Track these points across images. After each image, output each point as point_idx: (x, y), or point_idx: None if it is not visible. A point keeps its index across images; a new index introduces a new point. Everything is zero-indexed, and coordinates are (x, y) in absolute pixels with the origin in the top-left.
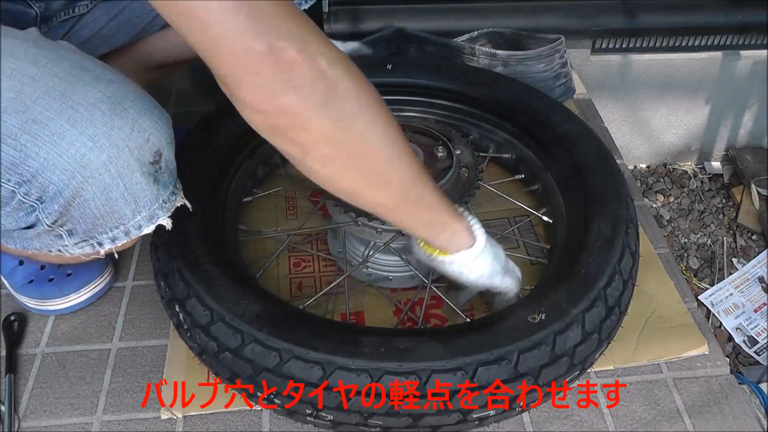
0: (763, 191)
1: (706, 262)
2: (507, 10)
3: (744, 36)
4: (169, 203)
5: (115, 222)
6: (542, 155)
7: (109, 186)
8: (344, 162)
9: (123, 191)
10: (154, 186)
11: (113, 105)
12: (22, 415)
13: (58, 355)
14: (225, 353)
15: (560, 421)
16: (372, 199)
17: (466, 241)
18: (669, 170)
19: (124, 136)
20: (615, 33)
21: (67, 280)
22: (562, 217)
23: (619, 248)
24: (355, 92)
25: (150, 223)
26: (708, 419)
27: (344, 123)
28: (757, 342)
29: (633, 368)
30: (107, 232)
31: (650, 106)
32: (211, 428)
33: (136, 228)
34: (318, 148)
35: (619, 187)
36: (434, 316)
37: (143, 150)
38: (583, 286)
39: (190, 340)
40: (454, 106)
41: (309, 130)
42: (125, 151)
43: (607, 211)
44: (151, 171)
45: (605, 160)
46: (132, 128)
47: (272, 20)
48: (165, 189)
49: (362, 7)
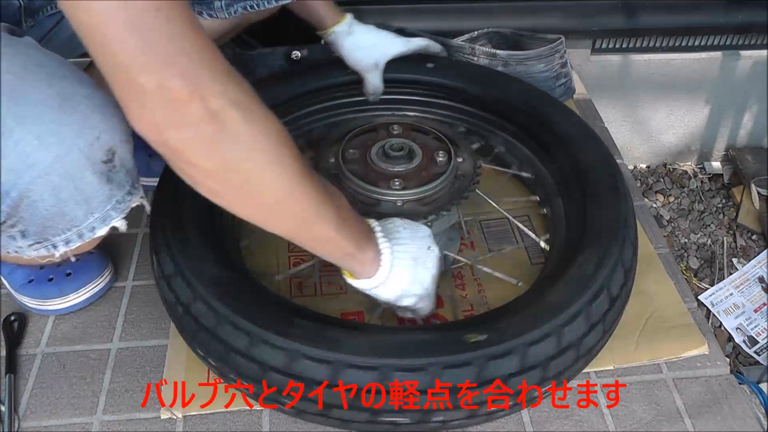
0: (763, 191)
1: (706, 262)
2: (507, 10)
3: (744, 36)
4: (124, 204)
5: (67, 224)
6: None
7: (59, 186)
8: (233, 198)
9: (73, 192)
10: (107, 186)
11: (62, 102)
12: (22, 415)
13: (58, 355)
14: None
15: (560, 421)
16: (271, 229)
17: (369, 270)
18: (669, 170)
19: (73, 134)
20: (615, 33)
21: (67, 280)
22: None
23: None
24: (247, 137)
25: (104, 225)
26: (708, 419)
27: (230, 165)
28: (757, 342)
29: (633, 368)
30: (60, 234)
31: (650, 106)
32: (211, 428)
33: (89, 230)
34: (206, 182)
35: (620, 227)
36: (435, 317)
37: (94, 148)
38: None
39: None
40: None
41: (195, 167)
42: (74, 149)
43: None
44: (103, 170)
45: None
46: (82, 125)
47: (168, 56)
48: (119, 189)
49: (362, 7)
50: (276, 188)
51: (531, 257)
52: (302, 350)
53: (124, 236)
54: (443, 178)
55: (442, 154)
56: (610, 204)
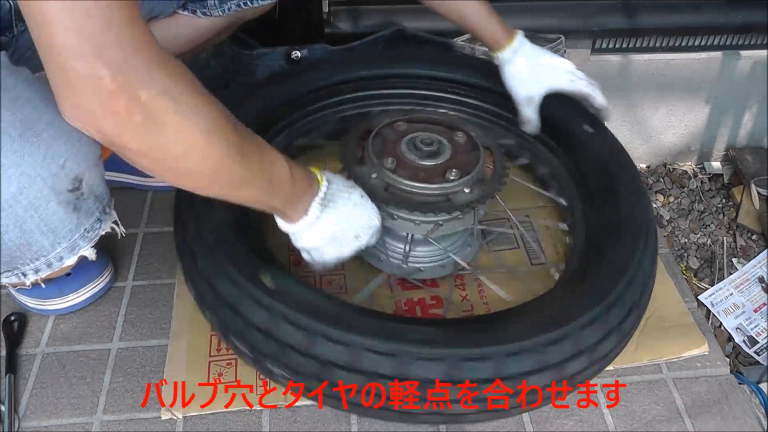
0: (763, 191)
1: (706, 262)
2: (507, 10)
3: (744, 36)
4: (93, 232)
5: (34, 254)
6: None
7: (23, 218)
8: (167, 176)
9: (38, 223)
10: (73, 215)
11: (24, 130)
12: (22, 415)
13: (58, 355)
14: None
15: (560, 421)
16: (200, 194)
17: (293, 219)
18: (669, 170)
19: (35, 165)
20: (615, 33)
21: (67, 280)
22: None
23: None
24: (176, 124)
25: (72, 254)
26: (708, 419)
27: (161, 150)
28: (757, 342)
29: (633, 368)
30: (28, 263)
31: (650, 106)
32: (211, 428)
33: (57, 260)
34: (139, 161)
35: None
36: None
37: (58, 178)
38: None
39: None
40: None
41: (129, 150)
42: (37, 180)
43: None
44: (69, 199)
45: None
46: (45, 154)
47: (102, 45)
48: (88, 217)
49: (362, 7)
50: (205, 169)
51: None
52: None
53: (125, 236)
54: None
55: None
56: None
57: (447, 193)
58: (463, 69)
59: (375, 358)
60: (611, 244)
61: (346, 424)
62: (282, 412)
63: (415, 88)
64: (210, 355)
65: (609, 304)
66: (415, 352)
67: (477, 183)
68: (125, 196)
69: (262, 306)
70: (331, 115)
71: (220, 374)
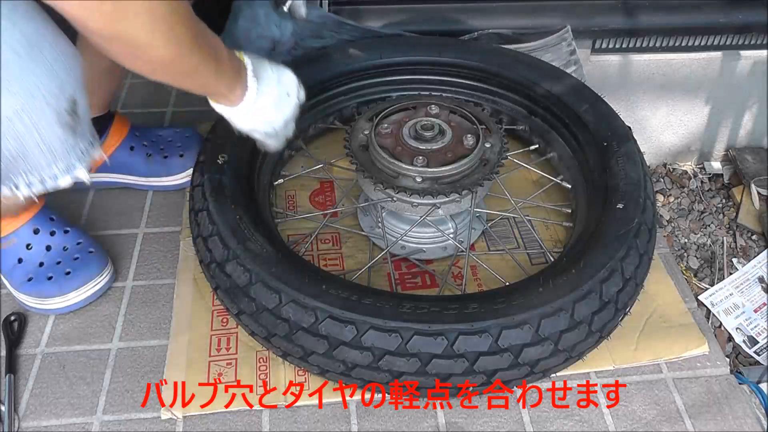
0: (763, 191)
1: (706, 262)
2: (507, 10)
3: (744, 36)
4: (87, 155)
5: (28, 167)
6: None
7: (23, 135)
8: (126, 59)
9: (38, 141)
10: (71, 136)
11: (30, 48)
12: (22, 415)
13: (58, 355)
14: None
15: (560, 421)
16: (154, 79)
17: (233, 102)
18: (669, 170)
19: (39, 83)
20: (615, 33)
21: (67, 278)
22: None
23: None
24: (141, 15)
25: (66, 174)
26: (708, 419)
27: (124, 36)
28: (757, 342)
29: (633, 368)
30: (21, 174)
31: (650, 106)
32: (211, 428)
33: (51, 178)
34: (108, 46)
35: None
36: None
37: (59, 98)
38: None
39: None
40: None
41: (95, 33)
42: (39, 98)
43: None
44: (67, 120)
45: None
46: (47, 74)
47: None
48: (83, 139)
49: (362, 7)
50: (163, 55)
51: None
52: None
53: (124, 236)
54: (465, 161)
55: (470, 137)
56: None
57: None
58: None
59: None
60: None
61: (346, 424)
62: (282, 412)
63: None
64: (210, 355)
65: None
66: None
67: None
68: (125, 196)
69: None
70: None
71: (220, 374)
